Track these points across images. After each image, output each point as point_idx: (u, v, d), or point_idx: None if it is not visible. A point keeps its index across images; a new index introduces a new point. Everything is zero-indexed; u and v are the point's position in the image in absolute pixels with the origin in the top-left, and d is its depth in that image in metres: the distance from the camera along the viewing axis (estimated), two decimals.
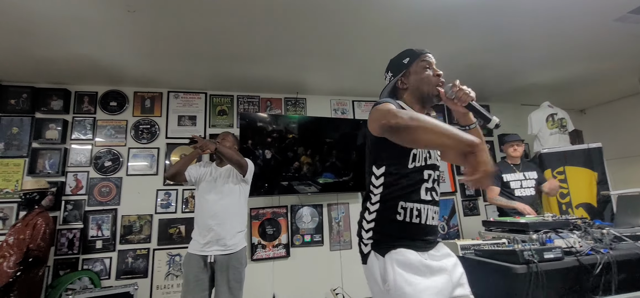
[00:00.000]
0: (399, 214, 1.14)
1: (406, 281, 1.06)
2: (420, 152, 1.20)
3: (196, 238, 2.23)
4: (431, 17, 2.39)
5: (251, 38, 2.53)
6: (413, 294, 1.04)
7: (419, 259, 1.10)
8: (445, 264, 1.16)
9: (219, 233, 2.19)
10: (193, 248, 2.22)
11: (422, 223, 1.16)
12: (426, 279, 1.08)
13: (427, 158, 1.21)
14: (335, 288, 3.30)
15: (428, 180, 1.21)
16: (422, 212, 1.17)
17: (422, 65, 1.26)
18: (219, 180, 2.33)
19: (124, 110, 3.27)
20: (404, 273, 1.07)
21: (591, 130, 4.72)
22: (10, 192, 2.90)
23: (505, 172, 2.96)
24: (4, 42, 2.41)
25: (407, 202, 1.15)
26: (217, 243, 2.19)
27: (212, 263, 2.18)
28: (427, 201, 1.19)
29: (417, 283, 1.06)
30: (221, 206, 2.24)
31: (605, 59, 3.28)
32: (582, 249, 1.63)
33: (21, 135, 3.00)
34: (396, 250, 1.10)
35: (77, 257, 2.93)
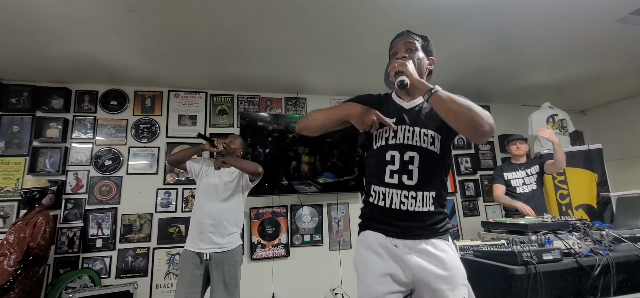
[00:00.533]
0: (371, 197, 1.22)
1: (361, 259, 1.18)
2: (379, 132, 1.22)
3: (192, 236, 2.26)
4: (432, 18, 2.39)
5: (252, 38, 2.54)
6: (363, 271, 1.16)
7: (381, 241, 1.15)
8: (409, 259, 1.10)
9: (214, 232, 2.23)
10: (189, 246, 2.25)
11: (386, 206, 1.16)
12: (380, 261, 1.13)
13: (388, 138, 1.19)
14: (335, 288, 3.31)
15: (392, 161, 1.17)
16: (387, 195, 1.16)
17: (392, 53, 1.30)
18: (222, 183, 2.34)
19: (124, 109, 3.28)
20: (363, 252, 1.18)
21: (592, 131, 4.72)
22: (10, 191, 2.90)
23: (507, 171, 3.00)
24: (5, 41, 2.41)
25: (375, 185, 1.21)
26: (212, 242, 2.21)
27: (208, 260, 2.20)
28: (392, 185, 1.15)
29: (368, 263, 1.15)
30: (220, 208, 2.27)
31: (606, 60, 3.27)
32: (581, 251, 1.63)
33: (22, 133, 3.01)
34: (364, 232, 1.22)
35: (77, 256, 2.93)
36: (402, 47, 1.26)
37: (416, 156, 1.16)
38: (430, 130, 1.18)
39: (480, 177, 4.20)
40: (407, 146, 1.17)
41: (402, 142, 1.18)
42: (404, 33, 1.29)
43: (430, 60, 1.33)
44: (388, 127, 1.17)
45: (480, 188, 4.16)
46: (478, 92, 4.09)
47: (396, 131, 1.19)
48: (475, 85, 3.83)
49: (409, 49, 1.26)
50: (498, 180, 2.99)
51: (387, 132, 1.20)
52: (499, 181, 2.98)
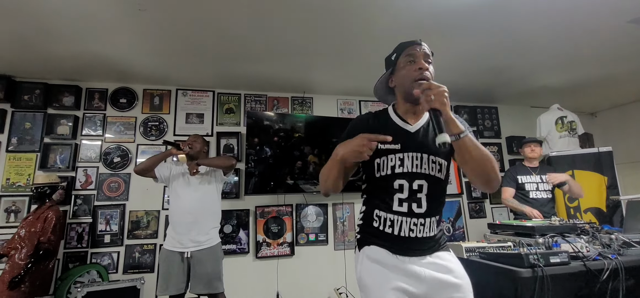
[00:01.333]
0: (375, 221, 1.18)
1: (368, 274, 1.13)
2: (384, 161, 1.14)
3: (172, 235, 2.31)
4: (440, 19, 2.38)
5: (259, 37, 2.55)
6: (371, 287, 1.10)
7: (392, 258, 1.12)
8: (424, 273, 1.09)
9: (194, 229, 2.28)
10: (170, 245, 2.29)
11: (394, 233, 1.12)
12: (390, 275, 1.10)
13: (394, 167, 1.13)
14: (339, 288, 3.31)
15: (401, 190, 1.12)
16: (395, 223, 1.12)
17: (406, 59, 1.16)
18: (194, 178, 2.40)
19: (133, 107, 3.32)
20: (370, 267, 1.14)
21: (602, 134, 4.64)
22: (22, 186, 2.97)
23: (521, 174, 2.92)
24: (18, 39, 2.46)
25: (381, 211, 1.16)
26: (193, 240, 2.27)
27: (189, 258, 2.26)
28: (401, 213, 1.12)
29: (378, 277, 1.10)
30: (197, 203, 2.32)
31: (617, 62, 3.22)
32: (590, 254, 1.61)
33: (33, 130, 3.07)
34: (369, 247, 1.17)
35: (86, 251, 2.98)
36: (422, 59, 1.14)
37: (425, 184, 1.13)
38: (438, 158, 1.14)
39: None
40: (415, 174, 1.12)
41: (411, 170, 1.12)
42: (419, 41, 1.16)
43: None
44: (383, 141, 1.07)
45: None
46: (486, 93, 4.06)
47: (402, 159, 1.12)
48: (483, 86, 3.80)
49: (427, 60, 1.15)
50: (508, 183, 2.91)
51: (392, 160, 1.13)
52: (509, 184, 2.90)
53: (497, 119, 4.39)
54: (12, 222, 2.88)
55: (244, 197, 3.34)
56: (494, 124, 4.36)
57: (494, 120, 4.38)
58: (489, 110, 4.38)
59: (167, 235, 2.37)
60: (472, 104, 4.31)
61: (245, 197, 3.33)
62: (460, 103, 4.24)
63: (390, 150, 1.14)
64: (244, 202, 3.36)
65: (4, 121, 3.03)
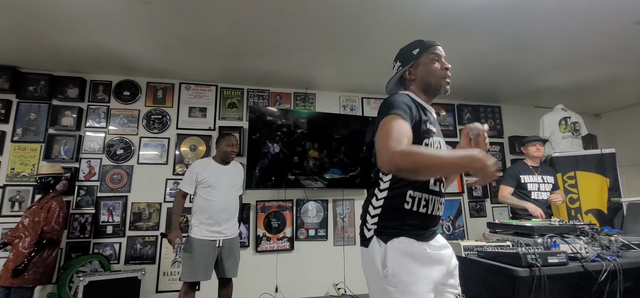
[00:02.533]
0: (407, 203, 1.14)
1: (405, 270, 1.09)
2: (433, 142, 1.20)
3: (206, 226, 2.53)
4: (445, 17, 2.37)
5: (263, 32, 2.56)
6: (410, 282, 1.08)
7: (420, 249, 1.12)
8: (443, 255, 1.19)
9: (227, 222, 2.59)
10: (201, 234, 2.51)
11: (428, 213, 1.17)
12: (424, 268, 1.11)
13: (439, 149, 1.22)
14: (338, 283, 3.33)
15: None
16: (430, 202, 1.17)
17: (431, 57, 1.26)
18: (227, 179, 2.65)
19: (136, 100, 3.34)
20: (404, 261, 1.10)
21: (606, 135, 4.61)
22: (26, 176, 3.00)
23: (523, 173, 2.86)
24: (24, 30, 2.49)
25: (416, 191, 1.15)
26: (224, 231, 2.57)
27: (220, 247, 2.54)
28: (435, 192, 1.19)
29: (415, 272, 1.09)
30: (229, 201, 2.63)
31: (623, 63, 3.19)
32: (588, 255, 1.61)
33: (38, 121, 3.10)
34: (399, 239, 1.12)
35: (88, 241, 3.02)
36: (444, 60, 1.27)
37: None
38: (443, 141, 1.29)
39: None
40: None
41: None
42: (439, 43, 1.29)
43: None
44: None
45: (488, 189, 4.12)
46: (490, 92, 4.04)
47: (440, 143, 1.24)
48: (488, 85, 3.78)
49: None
50: (508, 181, 2.87)
51: (438, 144, 1.22)
52: (508, 182, 2.86)
53: (500, 118, 4.37)
54: (17, 211, 2.92)
55: (245, 191, 3.35)
56: (496, 123, 4.35)
57: (496, 120, 4.36)
58: (492, 109, 4.36)
59: (195, 226, 2.53)
60: (475, 103, 4.28)
61: (247, 191, 3.34)
62: (463, 101, 4.22)
63: (433, 133, 1.22)
64: (245, 196, 3.37)
65: (9, 111, 3.07)
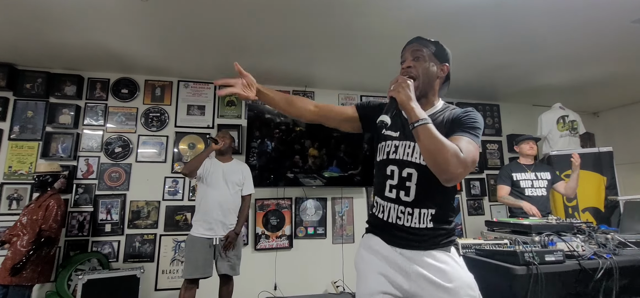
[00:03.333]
0: (374, 207, 1.25)
1: (362, 259, 1.20)
2: (383, 145, 1.19)
3: (201, 224, 2.54)
4: (442, 15, 2.36)
5: (261, 30, 2.55)
6: (363, 270, 1.17)
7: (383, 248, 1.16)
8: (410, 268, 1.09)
9: (224, 220, 2.58)
10: (198, 232, 2.52)
11: (384, 220, 1.17)
12: (378, 261, 1.15)
13: (389, 153, 1.17)
14: (336, 281, 3.34)
15: (392, 176, 1.15)
16: (385, 209, 1.17)
17: (401, 60, 1.24)
18: (225, 176, 2.63)
19: (134, 98, 3.33)
20: (364, 252, 1.21)
21: (604, 134, 4.63)
22: (24, 174, 2.99)
23: (515, 171, 2.91)
24: (20, 27, 2.47)
25: (377, 197, 1.23)
26: (222, 228, 2.56)
27: (217, 244, 2.53)
28: (390, 199, 1.15)
29: (370, 263, 1.16)
30: (227, 198, 2.61)
31: (622, 61, 3.20)
32: (585, 253, 1.62)
33: (36, 119, 3.09)
34: (368, 235, 1.24)
35: (87, 239, 3.02)
36: (409, 56, 1.19)
37: (414, 173, 1.12)
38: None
39: (487, 176, 4.17)
40: (405, 162, 1.14)
41: (402, 158, 1.14)
42: (413, 40, 1.21)
43: (442, 67, 1.22)
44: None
45: (486, 188, 4.13)
46: (488, 91, 4.05)
47: (397, 146, 1.16)
48: (486, 83, 3.79)
49: (416, 57, 1.18)
50: (503, 181, 2.91)
51: (389, 146, 1.17)
52: (504, 182, 2.90)
53: (498, 117, 4.38)
54: (14, 209, 2.91)
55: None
56: (495, 122, 4.36)
57: (495, 118, 4.37)
58: (490, 108, 4.37)
59: (194, 223, 2.57)
60: (474, 102, 4.29)
61: None
62: (461, 100, 4.22)
63: (389, 137, 1.20)
64: None
65: (6, 109, 3.05)
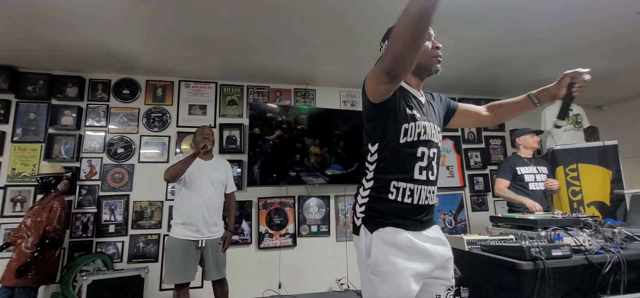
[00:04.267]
0: (391, 193, 1.14)
1: (386, 260, 1.09)
2: (412, 126, 1.14)
3: (186, 226, 2.40)
4: (444, 10, 2.32)
5: (262, 28, 2.54)
6: (391, 273, 1.07)
7: (407, 239, 1.10)
8: (432, 249, 1.14)
9: (210, 220, 2.46)
10: (181, 234, 2.39)
11: (414, 203, 1.14)
12: (407, 260, 1.09)
13: (420, 134, 1.15)
14: (341, 279, 3.34)
15: (422, 158, 1.15)
16: (415, 192, 1.14)
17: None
18: (208, 174, 2.52)
19: (136, 98, 3.33)
20: (386, 251, 1.10)
21: (608, 127, 4.60)
22: (27, 176, 3.00)
23: (519, 165, 2.85)
24: (21, 30, 2.47)
25: (400, 182, 1.14)
26: (207, 230, 2.45)
27: (203, 247, 2.43)
28: (420, 181, 1.15)
29: (397, 264, 1.08)
30: (211, 198, 2.49)
31: (625, 54, 3.17)
32: (592, 248, 1.61)
33: (38, 120, 3.09)
34: (384, 229, 1.12)
35: (91, 240, 3.02)
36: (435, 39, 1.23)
37: (436, 152, 1.20)
38: (439, 128, 1.25)
39: (490, 171, 4.15)
40: (432, 143, 1.18)
41: (430, 138, 1.18)
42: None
43: None
44: None
45: (490, 184, 4.11)
46: (490, 86, 4.02)
47: (425, 126, 1.16)
48: (487, 78, 3.76)
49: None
50: (505, 174, 2.85)
51: (419, 127, 1.14)
52: (505, 175, 2.84)
53: None
54: (18, 212, 2.92)
55: (246, 188, 3.35)
56: None
57: None
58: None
59: (174, 225, 2.44)
60: (476, 96, 4.27)
61: (248, 189, 3.35)
62: (463, 95, 4.20)
63: (415, 117, 1.15)
64: (247, 193, 3.37)
65: (8, 112, 3.05)
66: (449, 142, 4.10)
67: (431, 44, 1.21)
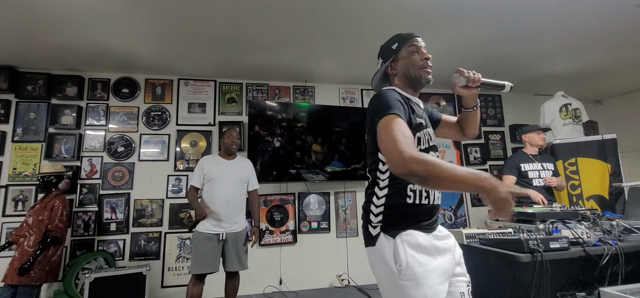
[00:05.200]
0: (409, 197, 1.15)
1: (417, 262, 1.09)
2: (424, 135, 1.22)
3: (209, 220, 2.53)
4: (443, 6, 2.35)
5: (260, 26, 2.54)
6: (424, 274, 1.08)
7: (427, 240, 1.14)
8: (448, 244, 1.20)
9: (230, 216, 2.56)
10: (205, 228, 2.52)
11: (430, 203, 1.18)
12: (434, 260, 1.12)
13: (429, 140, 1.23)
14: (341, 275, 3.35)
15: None
16: (430, 193, 1.19)
17: (410, 49, 1.26)
18: (230, 173, 2.63)
19: (135, 97, 3.34)
20: (415, 253, 1.10)
21: (607, 121, 4.60)
22: (28, 175, 3.01)
23: (523, 161, 2.87)
24: (20, 29, 2.47)
25: (416, 185, 1.16)
26: (228, 224, 2.56)
27: (224, 240, 2.53)
28: None
29: (427, 264, 1.10)
30: (233, 194, 2.61)
31: (624, 48, 3.17)
32: (590, 240, 1.62)
33: (38, 120, 3.10)
34: (406, 232, 1.12)
35: (92, 238, 3.04)
36: (424, 50, 1.27)
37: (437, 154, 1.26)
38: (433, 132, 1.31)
39: (490, 166, 4.16)
40: (435, 147, 1.27)
41: (434, 143, 1.26)
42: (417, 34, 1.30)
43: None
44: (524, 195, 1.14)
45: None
46: None
47: (430, 134, 1.25)
48: (487, 74, 3.73)
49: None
50: (510, 171, 2.86)
51: (427, 135, 1.23)
52: (511, 172, 2.85)
53: (500, 107, 4.36)
54: (20, 211, 2.94)
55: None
56: (497, 112, 4.34)
57: (497, 108, 4.35)
58: (492, 98, 4.35)
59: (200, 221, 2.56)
60: None
61: None
62: None
63: (423, 126, 1.23)
64: None
65: (8, 111, 3.06)
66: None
67: (419, 55, 1.24)
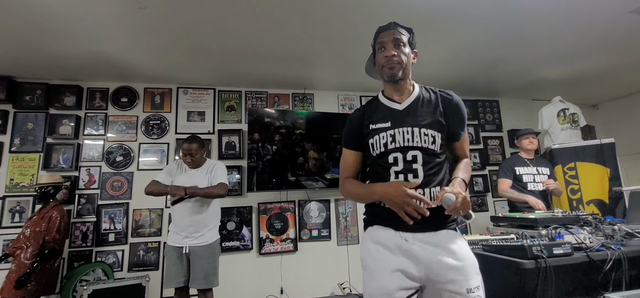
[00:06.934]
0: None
1: (371, 255, 1.17)
2: (376, 140, 1.21)
3: (174, 231, 2.43)
4: (440, 11, 2.37)
5: (259, 34, 2.55)
6: (374, 269, 1.14)
7: (391, 237, 1.15)
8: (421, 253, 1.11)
9: (194, 228, 2.40)
10: (171, 241, 2.43)
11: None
12: (392, 256, 1.13)
13: (387, 143, 1.19)
14: (343, 283, 3.33)
15: (395, 163, 1.18)
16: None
17: (377, 47, 1.26)
18: (195, 182, 2.42)
19: (134, 106, 3.33)
20: (371, 248, 1.18)
21: (604, 126, 4.63)
22: (26, 186, 2.98)
23: (518, 165, 2.90)
24: (18, 39, 2.47)
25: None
26: (192, 237, 2.39)
27: (187, 253, 2.38)
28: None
29: (380, 259, 1.14)
30: (198, 203, 2.42)
31: (620, 52, 3.21)
32: (593, 245, 1.61)
33: (36, 130, 3.08)
34: (372, 227, 1.23)
35: (90, 249, 3.00)
36: (391, 44, 1.22)
37: (419, 154, 1.18)
38: (430, 130, 1.20)
39: (489, 172, 4.17)
40: (408, 147, 1.19)
41: (403, 144, 1.19)
42: (391, 25, 1.25)
43: (414, 53, 1.29)
44: (423, 210, 1.08)
45: (489, 184, 4.13)
46: (487, 87, 4.05)
47: (394, 134, 1.19)
48: (484, 79, 3.79)
49: (397, 44, 1.22)
50: (505, 174, 2.89)
51: (385, 138, 1.19)
52: (506, 175, 2.88)
53: (498, 113, 4.38)
54: (17, 222, 2.90)
55: (246, 194, 3.35)
56: (495, 118, 4.36)
57: (495, 114, 4.37)
58: (490, 104, 4.37)
59: (169, 231, 2.48)
60: (473, 98, 4.30)
61: (248, 194, 3.34)
62: (461, 97, 4.22)
63: (381, 129, 1.21)
64: (247, 198, 3.37)
65: (6, 122, 3.04)
66: None
67: (382, 53, 1.23)
